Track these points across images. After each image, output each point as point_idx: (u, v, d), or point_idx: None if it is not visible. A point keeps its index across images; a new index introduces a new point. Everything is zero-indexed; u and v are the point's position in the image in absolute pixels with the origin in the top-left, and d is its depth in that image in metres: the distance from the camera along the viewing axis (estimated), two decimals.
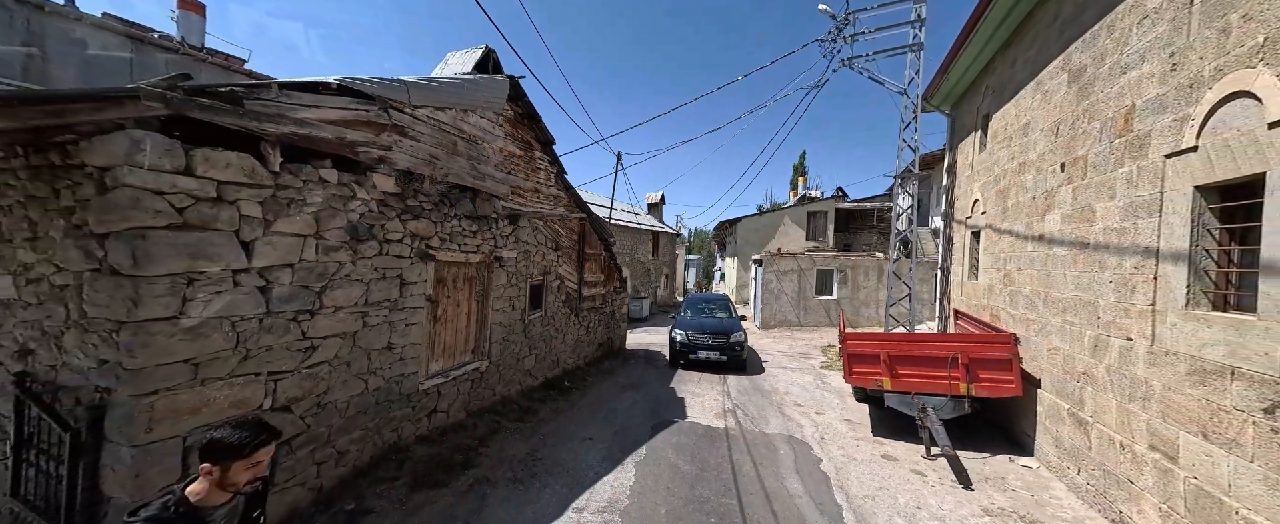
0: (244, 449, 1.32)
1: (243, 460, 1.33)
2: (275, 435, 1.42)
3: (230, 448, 1.31)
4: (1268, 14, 2.35)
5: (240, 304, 2.63)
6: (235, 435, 1.33)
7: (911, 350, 4.91)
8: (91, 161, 2.22)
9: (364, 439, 3.56)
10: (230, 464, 1.32)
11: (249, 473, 1.35)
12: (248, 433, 1.34)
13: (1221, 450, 2.46)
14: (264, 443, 1.37)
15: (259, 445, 1.36)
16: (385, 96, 3.55)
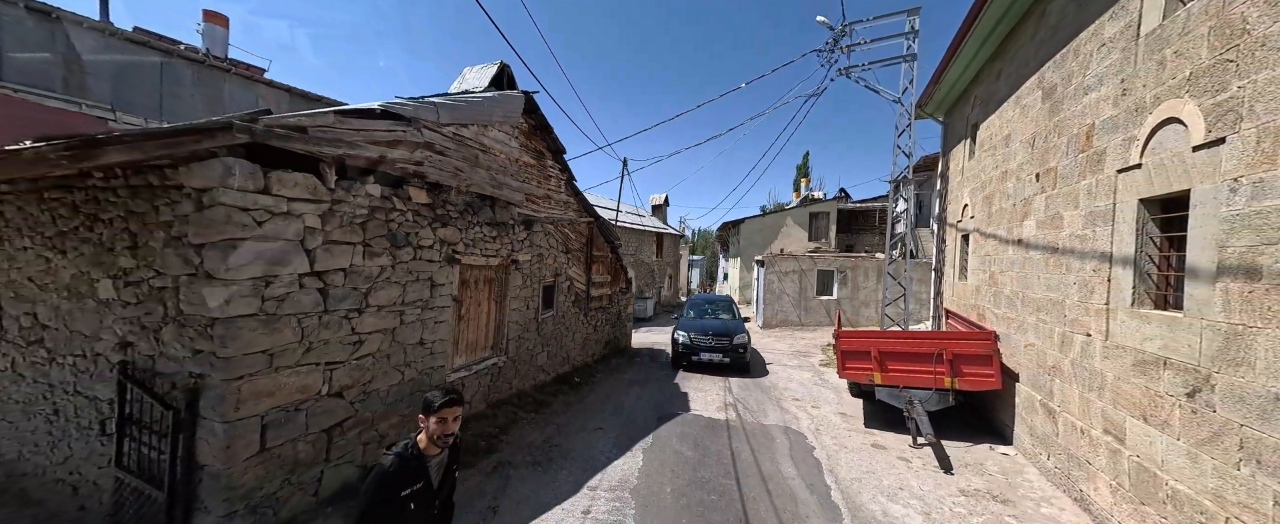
0: (435, 405, 1.74)
1: (436, 414, 1.74)
2: (460, 400, 1.84)
3: (429, 404, 1.76)
4: (1192, 52, 2.72)
5: (304, 303, 3.07)
6: (434, 396, 1.78)
7: (900, 347, 5.28)
8: (190, 183, 2.66)
9: (401, 424, 4.00)
10: (429, 418, 1.75)
11: (441, 428, 1.76)
12: (441, 395, 1.78)
13: (1157, 431, 2.83)
14: (449, 404, 1.78)
15: (446, 405, 1.76)
16: (419, 118, 3.98)
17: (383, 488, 1.66)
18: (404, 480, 1.70)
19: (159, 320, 2.84)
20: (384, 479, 1.67)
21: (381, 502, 1.65)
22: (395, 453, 1.72)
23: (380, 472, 1.69)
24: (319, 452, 3.25)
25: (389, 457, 1.71)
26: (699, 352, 7.97)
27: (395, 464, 1.69)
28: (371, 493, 1.65)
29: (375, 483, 1.67)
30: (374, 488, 1.66)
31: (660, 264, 20.70)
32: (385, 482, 1.67)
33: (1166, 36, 2.94)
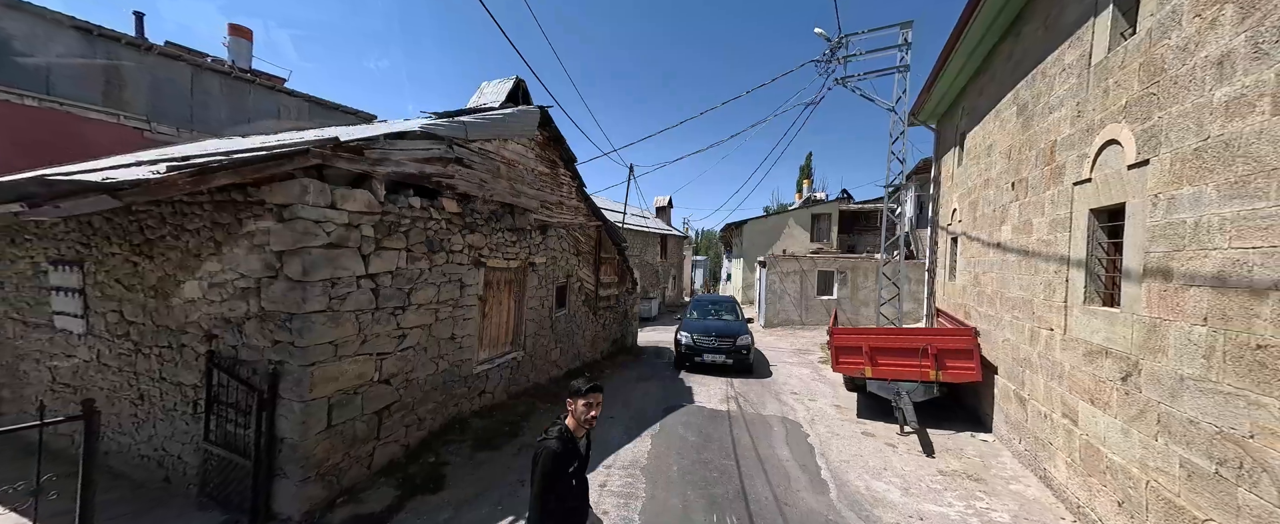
0: (583, 390, 2.03)
1: (584, 399, 2.03)
2: (600, 388, 2.11)
3: (577, 390, 2.05)
4: (1128, 83, 3.17)
5: (361, 301, 3.57)
6: (581, 384, 2.07)
7: (889, 342, 5.72)
8: (273, 200, 3.17)
9: (436, 410, 4.50)
10: (578, 402, 2.04)
11: (587, 411, 2.03)
12: (586, 383, 2.08)
13: (1100, 412, 3.27)
14: (595, 390, 2.06)
15: (592, 390, 2.04)
16: (451, 136, 4.49)
17: (556, 466, 1.94)
18: (568, 459, 1.98)
19: (242, 316, 3.36)
20: (556, 459, 1.94)
21: (555, 478, 1.93)
22: (556, 438, 1.97)
23: (552, 453, 1.94)
24: (371, 430, 3.76)
25: (553, 441, 1.96)
26: (702, 352, 7.97)
27: (559, 447, 1.95)
28: (548, 472, 1.92)
29: (550, 463, 1.93)
30: (549, 467, 1.92)
31: (664, 265, 21.15)
32: (557, 461, 1.94)
33: (1109, 67, 3.39)
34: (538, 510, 1.93)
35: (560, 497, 1.96)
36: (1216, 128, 2.41)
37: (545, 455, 1.94)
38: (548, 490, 1.93)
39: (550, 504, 1.94)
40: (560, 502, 1.97)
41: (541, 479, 1.92)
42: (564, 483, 1.97)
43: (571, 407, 2.06)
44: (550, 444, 1.95)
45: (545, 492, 1.93)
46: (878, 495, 3.91)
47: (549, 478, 1.92)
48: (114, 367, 4.10)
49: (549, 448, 1.95)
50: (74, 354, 4.36)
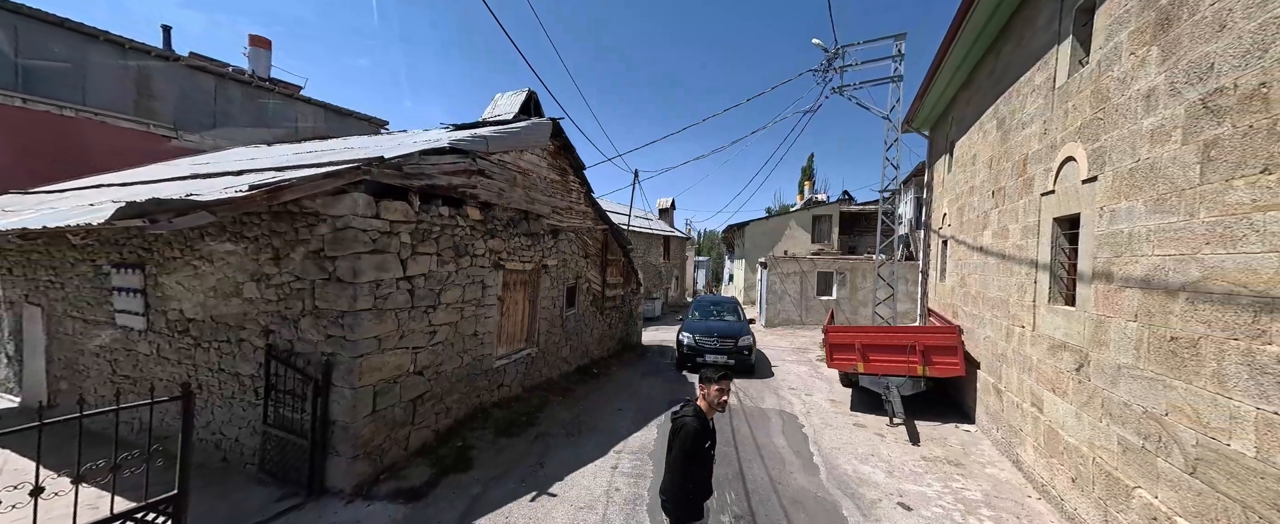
0: (716, 378, 2.37)
1: (717, 385, 2.35)
2: (730, 376, 2.40)
3: (710, 378, 2.38)
4: (1082, 107, 3.58)
5: (399, 300, 4.03)
6: (711, 372, 2.41)
7: (880, 340, 6.13)
8: (328, 212, 3.63)
9: (461, 400, 4.95)
10: (711, 387, 2.36)
11: (720, 395, 2.34)
12: (718, 371, 2.41)
13: (1059, 399, 3.68)
14: (725, 378, 2.38)
15: (725, 377, 2.37)
16: (474, 150, 4.94)
17: (698, 442, 2.23)
18: (706, 435, 2.28)
19: (298, 313, 3.81)
20: (698, 435, 2.23)
21: (697, 452, 2.21)
22: (692, 416, 2.27)
23: (695, 429, 2.23)
24: (407, 416, 4.21)
25: (691, 419, 2.25)
26: (704, 353, 8.07)
27: (698, 425, 2.25)
28: (692, 446, 2.22)
29: (693, 437, 2.21)
30: (693, 442, 2.21)
31: (667, 266, 21.57)
32: (699, 437, 2.23)
33: (1069, 91, 3.80)
34: (681, 475, 2.21)
35: (701, 464, 2.24)
36: (1144, 152, 2.83)
37: (689, 430, 2.22)
38: (691, 460, 2.21)
39: (691, 470, 2.22)
40: (700, 469, 2.25)
41: (686, 450, 2.19)
42: (704, 454, 2.25)
43: (705, 391, 2.36)
44: (690, 422, 2.24)
45: (689, 461, 2.20)
46: (863, 477, 4.32)
47: (692, 449, 2.19)
48: (173, 359, 4.57)
49: (691, 425, 2.23)
50: (134, 348, 4.84)
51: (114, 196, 4.77)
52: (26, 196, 6.91)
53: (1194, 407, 2.36)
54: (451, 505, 3.60)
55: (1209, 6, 2.38)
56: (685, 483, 2.25)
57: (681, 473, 2.22)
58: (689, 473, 2.23)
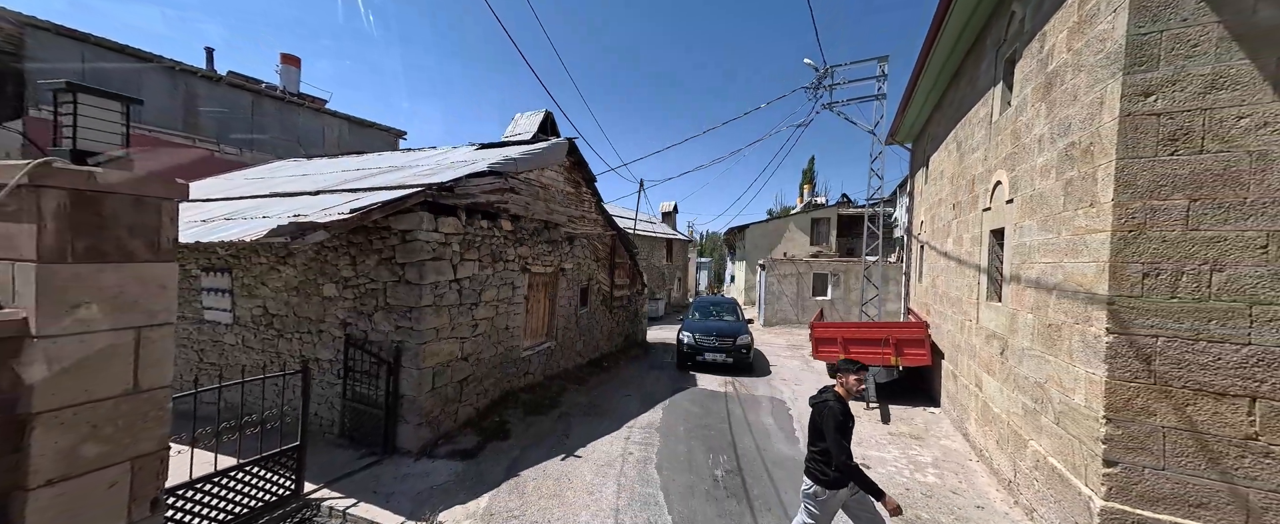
0: (855, 369, 2.85)
1: (856, 375, 2.84)
2: (866, 368, 2.89)
3: (849, 369, 2.86)
4: (1006, 142, 4.45)
5: (451, 298, 4.94)
6: (850, 365, 2.88)
7: (859, 334, 7.00)
8: (398, 227, 4.56)
9: (495, 384, 5.87)
10: (850, 377, 2.85)
11: (857, 384, 2.82)
12: (855, 364, 2.88)
13: (991, 378, 4.55)
14: (862, 369, 2.87)
15: (861, 370, 2.85)
16: (507, 171, 5.86)
17: (847, 419, 2.74)
18: (850, 414, 2.77)
19: (372, 308, 4.74)
20: (847, 412, 2.76)
21: (847, 425, 2.72)
22: (834, 399, 2.79)
23: (843, 409, 2.75)
24: (456, 394, 5.13)
25: (834, 402, 2.76)
26: (703, 352, 8.45)
27: (841, 406, 2.76)
28: (842, 420, 2.70)
29: (842, 414, 2.72)
30: (841, 417, 2.70)
31: (670, 267, 22.45)
32: (848, 414, 2.76)
33: (1000, 126, 4.68)
34: (839, 443, 2.63)
35: (848, 438, 2.72)
36: (1038, 183, 3.71)
37: (838, 409, 2.73)
38: (845, 433, 2.69)
39: (845, 443, 2.67)
40: (848, 441, 2.71)
41: (841, 425, 2.69)
42: (850, 432, 2.76)
43: (843, 380, 2.88)
44: (833, 404, 2.76)
45: (845, 434, 2.70)
46: None
47: (844, 424, 2.71)
48: (257, 348, 5.50)
49: (835, 406, 2.74)
50: (221, 340, 5.78)
51: (204, 213, 5.73)
52: None
53: (1058, 375, 3.24)
54: (497, 463, 4.50)
55: (1069, 80, 3.26)
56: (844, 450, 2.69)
57: (841, 443, 2.66)
58: (843, 444, 2.68)
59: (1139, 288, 2.65)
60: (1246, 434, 2.43)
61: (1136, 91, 2.64)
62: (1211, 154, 2.49)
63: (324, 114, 14.10)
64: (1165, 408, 2.59)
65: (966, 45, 5.76)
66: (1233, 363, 2.45)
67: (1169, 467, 2.57)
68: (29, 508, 1.57)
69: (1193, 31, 2.52)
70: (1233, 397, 2.45)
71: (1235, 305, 2.44)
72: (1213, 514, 2.47)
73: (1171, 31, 2.56)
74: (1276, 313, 2.38)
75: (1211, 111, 2.48)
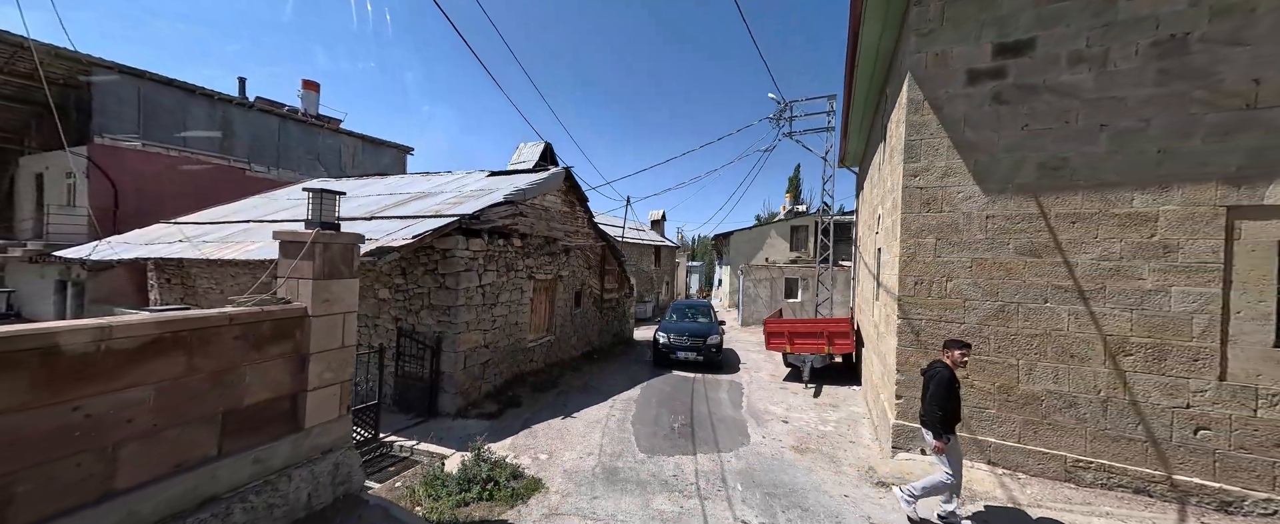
0: (960, 345, 3.44)
1: (961, 351, 3.42)
2: (969, 346, 3.50)
3: (959, 345, 3.46)
4: (881, 184, 6.28)
5: (477, 300, 6.64)
6: (958, 344, 3.47)
7: (802, 328, 8.79)
8: (440, 246, 6.26)
9: (508, 368, 7.55)
10: (954, 352, 3.43)
11: (963, 358, 3.44)
12: (963, 343, 3.47)
13: (873, 356, 6.35)
14: (967, 347, 3.45)
15: (967, 347, 3.46)
16: (518, 199, 7.58)
17: (951, 385, 3.37)
18: (955, 380, 3.42)
19: (418, 307, 6.42)
20: (952, 380, 3.39)
21: (951, 390, 3.34)
22: (943, 368, 3.44)
23: (948, 377, 3.38)
24: (480, 373, 6.82)
25: (944, 370, 3.40)
26: (676, 351, 9.49)
27: (949, 373, 3.39)
28: (947, 386, 3.33)
29: (948, 381, 3.35)
30: (947, 384, 3.33)
31: (658, 272, 24.20)
32: (953, 381, 3.39)
33: (883, 173, 6.51)
34: (942, 404, 3.32)
35: (954, 398, 3.40)
36: (886, 220, 5.52)
37: (945, 377, 3.39)
38: (948, 397, 3.35)
39: (949, 402, 3.34)
40: (954, 402, 3.39)
41: (945, 390, 3.35)
42: (957, 393, 3.44)
43: (950, 355, 3.50)
44: (942, 372, 3.42)
45: (947, 398, 3.34)
46: (768, 411, 6.95)
47: (947, 389, 3.36)
48: None
49: (943, 373, 3.41)
50: None
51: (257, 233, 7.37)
52: (172, 227, 9.47)
53: (887, 347, 5.03)
54: (514, 422, 6.19)
55: (892, 158, 5.08)
56: (945, 407, 3.37)
57: (942, 402, 3.34)
58: (948, 402, 3.36)
59: (912, 291, 4.45)
60: (961, 376, 4.23)
61: (910, 174, 4.46)
62: (945, 213, 4.31)
63: (340, 134, 15.68)
64: (924, 362, 4.38)
65: (873, 105, 7.62)
66: (955, 331, 4.26)
67: None
68: (308, 402, 3.26)
69: (936, 141, 4.34)
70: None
71: (956, 301, 4.25)
72: None
73: (925, 141, 4.38)
74: (976, 305, 4.19)
75: (945, 188, 4.30)
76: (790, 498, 4.09)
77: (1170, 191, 3.61)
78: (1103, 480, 3.81)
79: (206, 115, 12.37)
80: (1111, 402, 3.79)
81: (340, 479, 3.40)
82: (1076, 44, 3.87)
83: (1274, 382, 3.32)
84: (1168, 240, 3.63)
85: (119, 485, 2.34)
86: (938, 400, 3.37)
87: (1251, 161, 3.38)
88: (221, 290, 8.15)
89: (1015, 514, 3.61)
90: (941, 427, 3.36)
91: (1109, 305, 3.80)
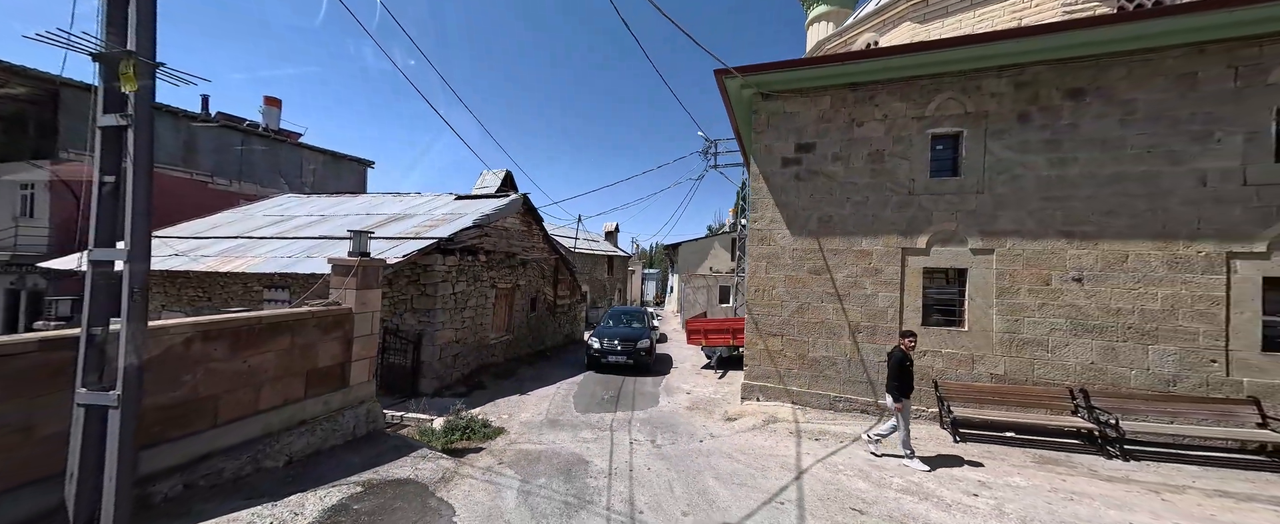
0: (911, 334, 4.91)
1: (910, 339, 4.85)
2: (915, 335, 4.95)
3: (909, 333, 4.94)
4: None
5: (451, 304, 8.53)
6: (907, 333, 4.94)
7: (713, 326, 11.33)
8: (421, 262, 8.12)
9: (474, 360, 9.42)
10: (905, 341, 4.90)
11: (913, 345, 4.86)
12: (911, 333, 4.95)
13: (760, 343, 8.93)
14: (913, 335, 4.88)
15: (913, 336, 4.88)
16: (484, 223, 9.54)
17: (904, 363, 4.68)
18: (908, 359, 4.72)
19: (403, 310, 8.21)
20: (905, 359, 4.69)
21: (905, 367, 4.65)
22: (900, 352, 4.75)
23: (902, 357, 4.70)
24: (453, 363, 8.67)
25: (899, 353, 4.74)
26: (607, 356, 10.22)
27: (902, 354, 4.70)
28: (902, 363, 4.65)
29: (903, 360, 4.69)
30: (903, 362, 4.65)
31: (611, 280, 26.40)
32: (907, 360, 4.70)
33: None
34: (900, 378, 4.61)
35: (908, 373, 4.67)
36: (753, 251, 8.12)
37: (897, 358, 4.72)
38: (900, 373, 4.61)
39: (905, 377, 4.58)
40: (909, 376, 4.64)
41: (897, 368, 4.68)
42: (909, 370, 4.70)
43: (904, 342, 4.81)
44: (897, 354, 4.77)
45: (900, 374, 4.62)
46: (678, 387, 9.33)
47: (899, 367, 4.68)
48: None
49: (898, 354, 4.75)
50: None
51: (278, 249, 8.83)
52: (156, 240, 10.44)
53: (751, 332, 7.56)
54: (481, 398, 8.10)
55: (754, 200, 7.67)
56: (902, 381, 4.66)
57: (896, 376, 4.66)
58: (904, 377, 4.66)
59: (753, 296, 7.00)
60: (777, 350, 6.80)
61: (753, 220, 7.02)
62: (771, 246, 6.89)
63: (302, 148, 16.59)
64: (759, 341, 6.92)
65: None
66: (776, 323, 6.83)
67: (761, 363, 6.89)
68: (351, 369, 5.17)
69: (766, 200, 6.93)
70: (773, 335, 6.82)
71: (777, 302, 6.83)
72: (769, 382, 6.80)
73: (761, 199, 6.96)
74: (787, 304, 6.78)
75: (771, 231, 6.89)
76: (670, 429, 6.41)
77: (878, 238, 6.38)
78: (848, 407, 6.47)
79: (171, 131, 13.12)
80: (853, 361, 6.48)
81: (371, 419, 5.28)
82: (835, 149, 6.60)
83: (923, 343, 6.11)
84: (877, 266, 6.38)
85: (261, 407, 4.18)
86: (893, 376, 4.70)
87: (911, 224, 6.19)
88: (209, 297, 9.37)
89: (804, 427, 6.13)
90: (898, 393, 4.66)
91: (851, 303, 6.50)
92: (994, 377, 5.87)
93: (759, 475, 4.60)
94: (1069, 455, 4.97)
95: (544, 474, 4.65)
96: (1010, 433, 5.53)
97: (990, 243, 5.91)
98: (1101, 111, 5.38)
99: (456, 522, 3.59)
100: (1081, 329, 5.47)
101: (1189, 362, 5.08)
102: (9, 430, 2.63)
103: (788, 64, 6.74)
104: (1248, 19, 4.67)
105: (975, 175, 6.00)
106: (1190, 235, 5.04)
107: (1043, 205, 5.63)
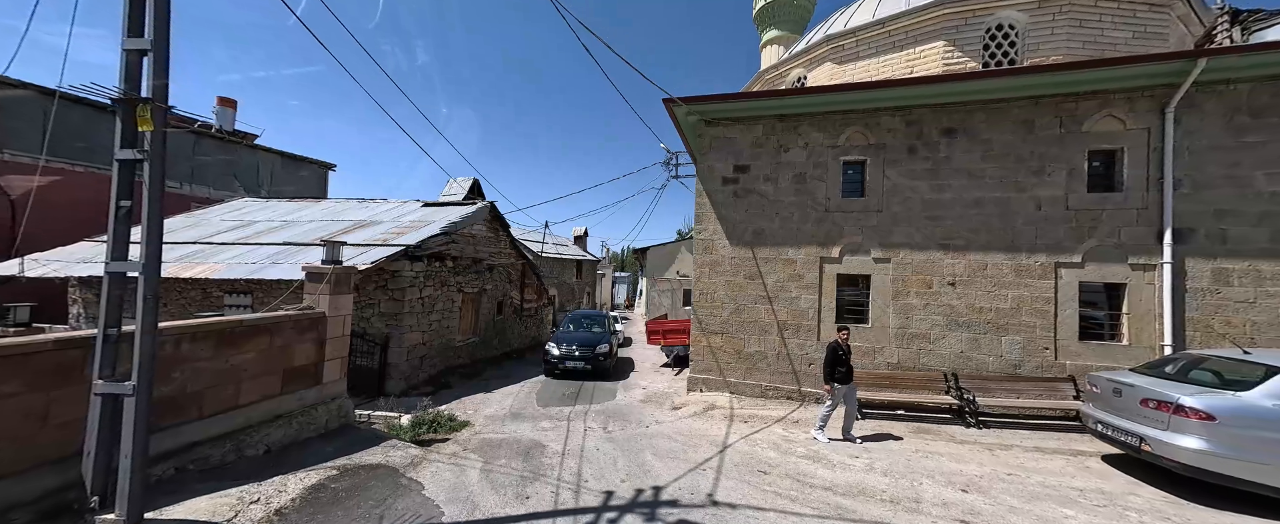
0: (845, 328, 6.00)
1: (844, 332, 5.84)
2: (848, 328, 6.03)
3: (843, 327, 6.06)
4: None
5: (418, 308, 8.99)
6: (841, 327, 6.10)
7: (668, 327, 12.23)
8: (390, 268, 8.56)
9: (441, 361, 9.87)
10: (839, 334, 5.89)
11: (846, 338, 5.80)
12: (845, 327, 6.12)
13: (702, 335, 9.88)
14: (846, 329, 5.94)
15: (846, 329, 5.95)
16: (451, 231, 10.03)
17: (836, 352, 5.59)
18: (841, 348, 5.62)
19: (371, 314, 8.61)
20: (838, 348, 5.62)
21: (836, 357, 5.57)
22: (836, 344, 5.69)
23: (834, 347, 5.65)
24: (421, 365, 9.12)
25: (835, 345, 5.67)
26: (565, 361, 10.05)
27: (836, 345, 5.64)
28: (834, 354, 5.59)
29: (835, 349, 5.62)
30: (834, 352, 5.60)
31: (580, 284, 26.97)
32: (839, 350, 5.61)
33: None
34: (833, 367, 5.53)
35: (843, 364, 5.55)
36: None
37: (831, 348, 5.68)
38: (832, 361, 5.53)
39: (837, 366, 5.50)
40: (842, 367, 5.51)
41: (830, 356, 5.58)
42: (842, 358, 5.57)
43: (841, 335, 5.77)
44: (834, 345, 5.67)
45: (831, 362, 5.55)
46: (637, 383, 10.14)
47: (831, 356, 5.59)
48: None
49: (832, 346, 5.68)
50: None
51: (241, 255, 8.99)
52: (100, 245, 10.26)
53: (697, 331, 8.47)
54: (448, 396, 8.61)
55: None
56: (829, 367, 5.56)
57: (827, 364, 5.55)
58: (832, 364, 5.53)
59: (699, 299, 7.92)
60: (718, 346, 7.75)
61: (698, 231, 7.95)
62: (713, 255, 7.85)
63: (258, 150, 16.30)
64: (703, 338, 7.84)
65: None
66: (718, 322, 7.78)
67: (704, 358, 7.81)
68: (324, 368, 5.66)
69: (709, 214, 7.89)
70: (715, 333, 7.77)
71: (718, 303, 7.79)
72: (711, 375, 7.73)
73: (705, 212, 7.91)
74: (727, 306, 7.75)
75: (713, 241, 7.85)
76: (623, 418, 7.19)
77: (801, 248, 7.46)
78: (776, 394, 7.49)
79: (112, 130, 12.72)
80: (780, 355, 7.51)
81: (343, 414, 5.78)
82: (766, 171, 7.65)
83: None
84: (801, 273, 7.46)
85: (242, 402, 4.65)
86: (825, 363, 5.68)
87: (827, 237, 7.31)
88: (165, 304, 9.37)
89: (737, 412, 7.07)
90: (826, 379, 5.64)
91: (779, 305, 7.55)
92: (890, 365, 7.03)
93: (691, 451, 5.46)
94: (939, 427, 6.14)
95: (505, 457, 5.32)
96: (901, 410, 6.67)
97: (888, 253, 7.09)
98: (968, 147, 6.67)
99: (426, 494, 4.22)
100: (955, 324, 6.71)
101: (1030, 349, 6.39)
102: (32, 418, 3.09)
103: (727, 96, 7.75)
104: (1066, 81, 6.06)
105: (877, 196, 7.17)
106: (1030, 249, 6.37)
107: (926, 223, 6.86)
